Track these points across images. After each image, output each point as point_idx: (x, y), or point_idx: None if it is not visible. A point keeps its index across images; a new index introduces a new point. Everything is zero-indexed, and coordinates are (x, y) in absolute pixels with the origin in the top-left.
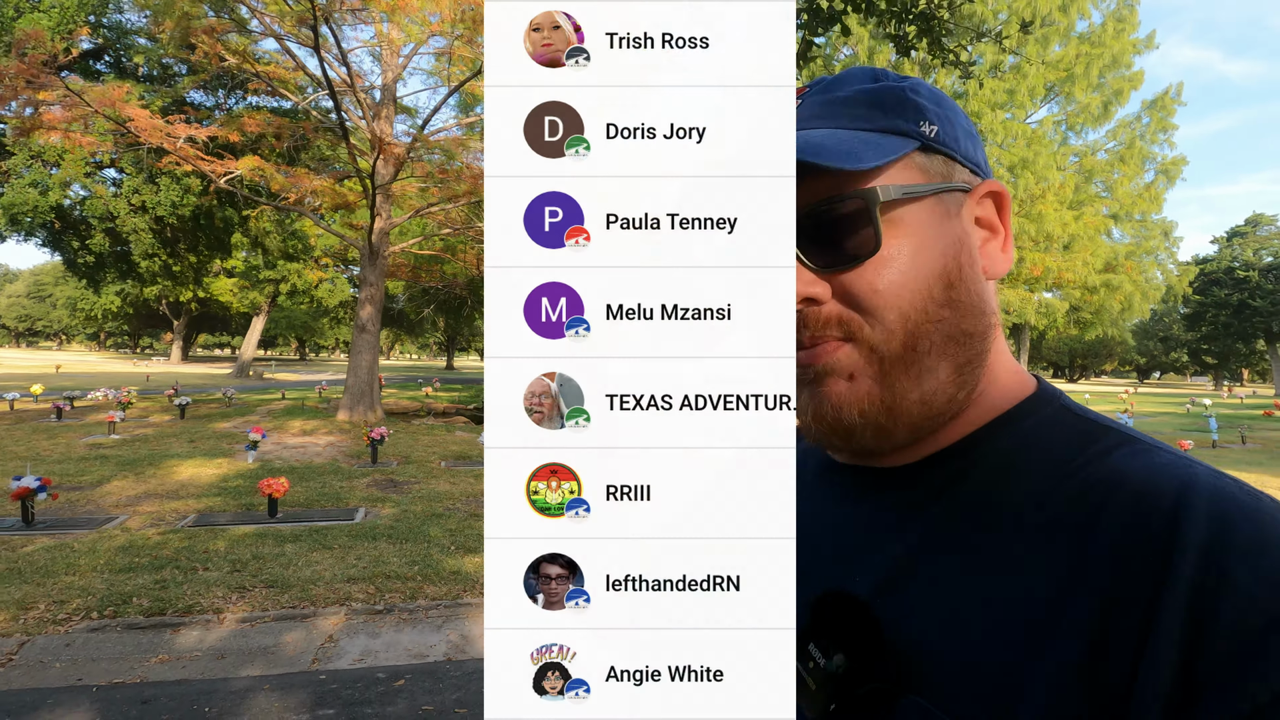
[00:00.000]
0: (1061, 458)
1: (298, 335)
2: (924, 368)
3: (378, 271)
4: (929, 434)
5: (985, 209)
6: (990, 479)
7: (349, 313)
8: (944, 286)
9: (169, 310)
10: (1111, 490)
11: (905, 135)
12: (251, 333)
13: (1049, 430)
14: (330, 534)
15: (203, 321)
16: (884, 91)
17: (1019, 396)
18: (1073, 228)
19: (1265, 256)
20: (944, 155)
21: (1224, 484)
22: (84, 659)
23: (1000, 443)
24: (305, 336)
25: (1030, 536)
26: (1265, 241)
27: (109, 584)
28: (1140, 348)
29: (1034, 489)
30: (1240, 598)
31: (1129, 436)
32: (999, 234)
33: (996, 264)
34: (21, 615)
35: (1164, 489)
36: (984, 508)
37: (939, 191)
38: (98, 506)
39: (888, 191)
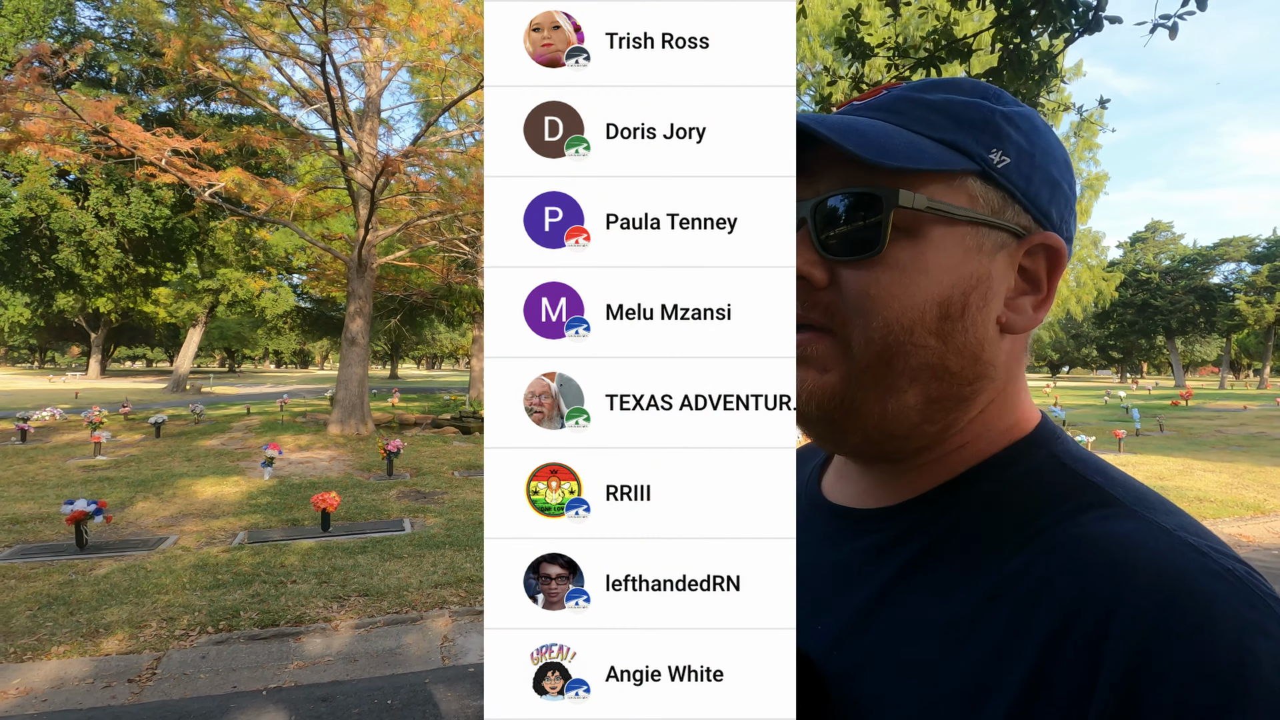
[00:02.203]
0: (1028, 516)
1: (228, 347)
2: (892, 385)
3: (366, 284)
4: (892, 456)
5: (1035, 262)
6: (953, 533)
7: (289, 323)
8: (939, 316)
9: (85, 322)
10: (1064, 560)
11: (966, 154)
12: (188, 345)
13: (1027, 483)
14: (392, 544)
15: (122, 334)
16: (970, 106)
17: (1011, 440)
18: None
19: (1163, 260)
20: (1005, 191)
21: (1183, 561)
22: (224, 669)
23: (973, 494)
24: (236, 348)
25: (976, 600)
26: (1163, 246)
27: (209, 600)
28: (1054, 344)
29: (992, 548)
30: (1172, 694)
31: (1108, 497)
32: (1040, 291)
33: (1022, 319)
34: (138, 634)
35: (1116, 563)
36: (939, 564)
37: (977, 222)
38: (140, 528)
39: (911, 199)
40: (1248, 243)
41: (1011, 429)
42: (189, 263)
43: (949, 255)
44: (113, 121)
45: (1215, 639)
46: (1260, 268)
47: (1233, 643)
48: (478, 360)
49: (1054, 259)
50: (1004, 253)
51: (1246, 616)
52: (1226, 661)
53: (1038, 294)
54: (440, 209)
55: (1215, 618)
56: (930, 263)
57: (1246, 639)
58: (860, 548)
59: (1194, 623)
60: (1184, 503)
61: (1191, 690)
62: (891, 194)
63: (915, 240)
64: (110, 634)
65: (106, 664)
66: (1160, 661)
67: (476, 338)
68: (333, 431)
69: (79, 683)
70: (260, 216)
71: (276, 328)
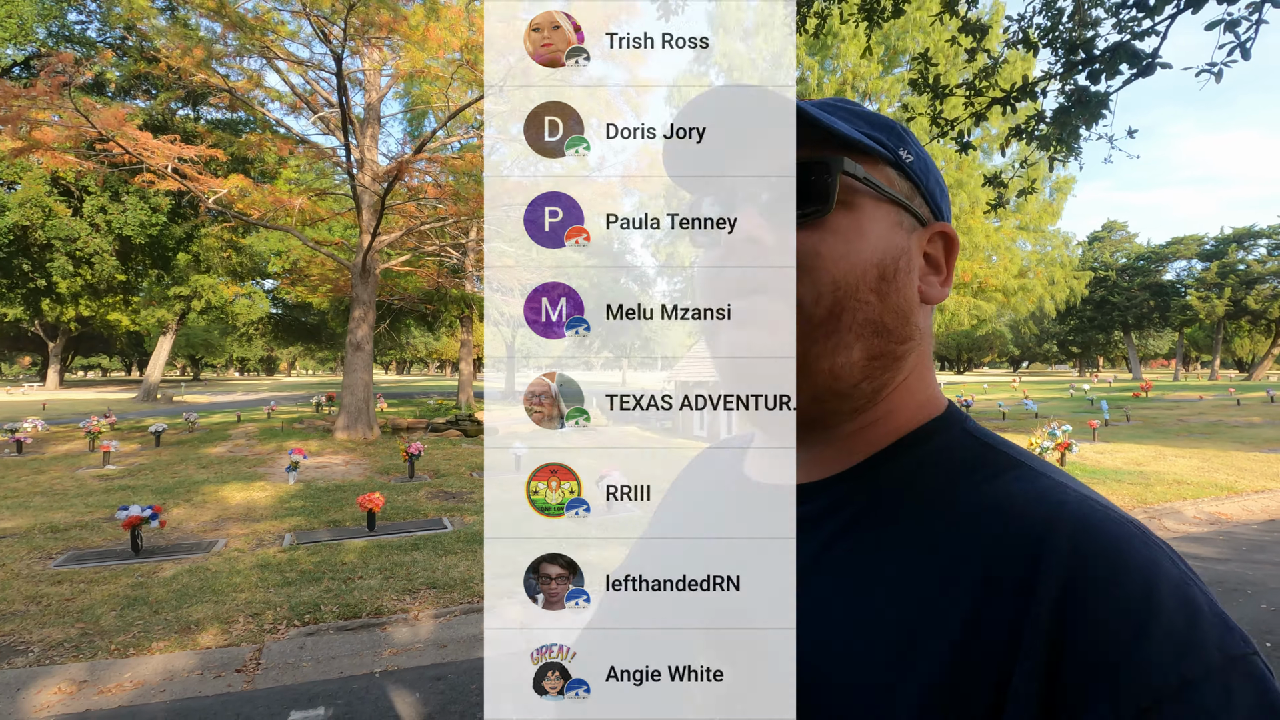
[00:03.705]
0: (949, 482)
1: (194, 355)
2: (840, 341)
3: (369, 290)
4: (832, 415)
5: (934, 247)
6: (882, 499)
7: (259, 329)
8: (878, 276)
9: (43, 331)
10: (986, 516)
11: (884, 147)
12: (158, 353)
13: (945, 453)
14: (441, 541)
15: (80, 343)
16: (879, 117)
17: (928, 417)
18: (994, 239)
19: (1120, 258)
20: (912, 183)
21: (1090, 511)
22: (324, 657)
23: (896, 464)
24: (203, 355)
25: (908, 558)
26: (1119, 245)
27: (285, 597)
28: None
29: (917, 511)
30: (1096, 622)
31: (1017, 461)
32: (941, 272)
33: (934, 292)
34: (228, 629)
35: (1033, 516)
36: (869, 528)
37: (897, 203)
38: (184, 533)
39: (853, 167)
40: (1198, 241)
41: (924, 406)
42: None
43: (880, 225)
44: (124, 129)
45: (1127, 575)
46: (1210, 265)
47: (1141, 578)
48: (466, 365)
49: (950, 245)
50: (915, 235)
51: (1147, 555)
52: (1137, 594)
53: (940, 274)
54: (447, 213)
55: (1125, 557)
56: (866, 229)
57: (1150, 574)
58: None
59: (1109, 562)
60: (1162, 485)
61: (1110, 619)
62: (838, 161)
63: (853, 210)
64: (201, 630)
65: (209, 656)
66: (1083, 596)
67: (465, 342)
68: (340, 436)
69: (188, 674)
70: (263, 223)
71: (247, 334)
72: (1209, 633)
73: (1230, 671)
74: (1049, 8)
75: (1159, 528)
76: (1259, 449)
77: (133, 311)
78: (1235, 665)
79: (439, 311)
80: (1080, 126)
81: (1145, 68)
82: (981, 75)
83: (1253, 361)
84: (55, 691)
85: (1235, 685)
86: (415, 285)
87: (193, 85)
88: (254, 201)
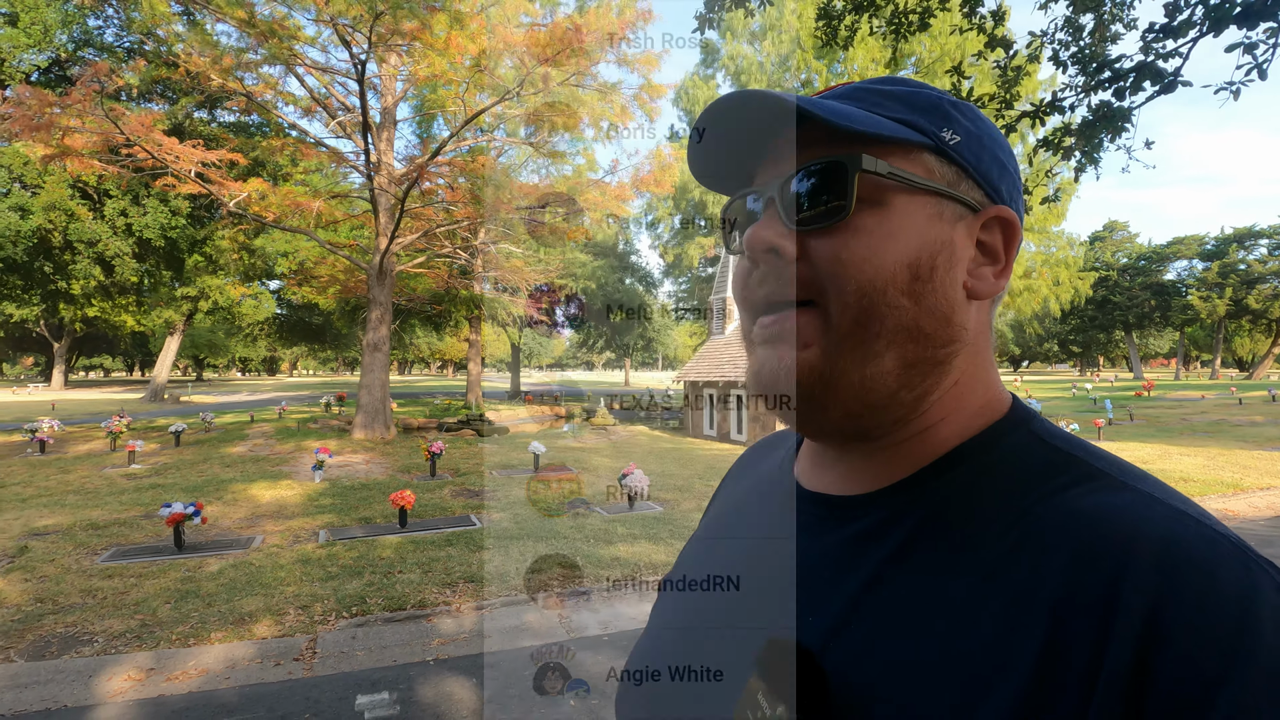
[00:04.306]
0: (1015, 494)
1: (197, 355)
2: (870, 350)
3: (386, 291)
4: (873, 428)
5: (991, 234)
6: (941, 514)
7: (264, 330)
8: (910, 277)
9: (49, 332)
10: (1059, 535)
11: (921, 131)
12: (165, 354)
13: (1010, 461)
14: (472, 537)
15: (84, 343)
16: (920, 94)
17: (988, 421)
18: None
19: (1121, 258)
20: (959, 167)
21: (1180, 529)
22: (376, 646)
23: (958, 475)
24: (207, 356)
25: (973, 582)
26: (1120, 245)
27: (331, 590)
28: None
29: (982, 528)
30: (1180, 659)
31: (1094, 470)
32: (999, 262)
33: (985, 285)
34: (281, 620)
35: (1113, 535)
36: (930, 547)
37: (936, 193)
38: (221, 529)
39: (873, 164)
40: (1198, 241)
41: (985, 408)
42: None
43: (913, 220)
44: (152, 135)
45: (1219, 604)
46: (1211, 265)
47: (1235, 606)
48: (475, 364)
49: (1009, 231)
50: (963, 224)
51: (1245, 581)
52: (1230, 625)
53: (996, 264)
54: (462, 216)
55: (1217, 582)
56: (896, 228)
57: (1247, 602)
58: (846, 535)
59: (1198, 587)
60: (1170, 482)
61: (1199, 653)
62: (855, 159)
63: (880, 208)
64: (255, 621)
65: (266, 646)
66: (1168, 626)
67: (473, 342)
68: (358, 436)
69: (249, 663)
70: (281, 225)
71: (253, 335)
72: None
73: None
74: (1070, 25)
75: None
76: (1262, 447)
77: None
78: None
79: (449, 312)
80: (1105, 139)
81: (1167, 85)
82: (1004, 86)
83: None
84: (125, 678)
85: None
86: (425, 286)
87: (211, 90)
88: (271, 204)
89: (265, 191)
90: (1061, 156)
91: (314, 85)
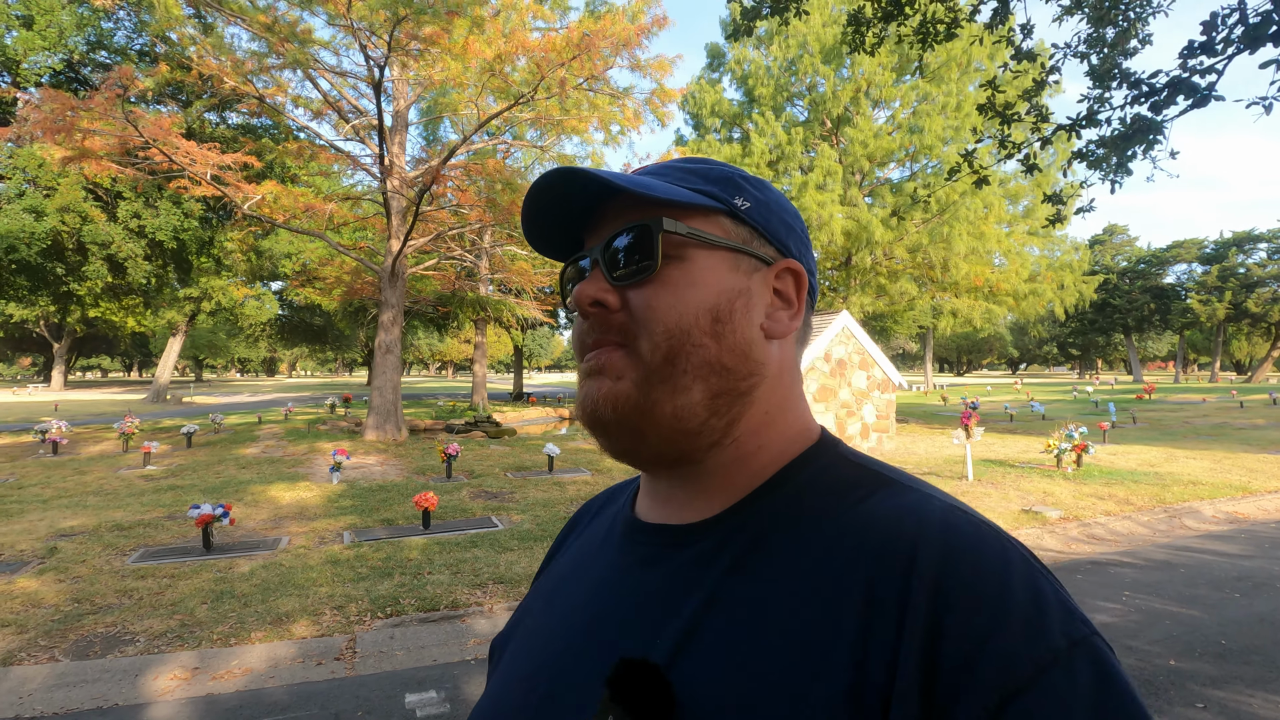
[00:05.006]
0: (829, 505)
1: (197, 356)
2: (679, 384)
3: (398, 293)
4: (692, 451)
5: (784, 283)
6: (765, 531)
7: (266, 330)
8: (711, 320)
9: (48, 332)
10: (862, 533)
11: (716, 199)
12: (168, 354)
13: (822, 479)
14: (497, 539)
15: (83, 344)
16: (713, 169)
17: (802, 447)
18: (1005, 244)
19: (1120, 261)
20: (750, 228)
21: (954, 518)
22: (414, 646)
23: (780, 495)
24: (206, 357)
25: (795, 586)
26: (1119, 248)
27: (364, 591)
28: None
29: (800, 539)
30: (961, 619)
31: (886, 479)
32: (792, 306)
33: (780, 326)
34: (317, 620)
35: (905, 527)
36: (757, 562)
37: (731, 249)
38: (246, 530)
39: (673, 225)
40: (1197, 245)
41: (798, 436)
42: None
43: (713, 272)
44: (170, 137)
45: (986, 573)
46: (1210, 268)
47: (996, 571)
48: (480, 366)
49: (799, 280)
50: (758, 274)
51: (1003, 555)
52: (993, 589)
53: (790, 308)
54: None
55: (983, 557)
56: (698, 278)
57: (1003, 567)
58: (686, 560)
59: (970, 562)
60: (1178, 486)
61: (973, 613)
62: (658, 222)
63: (684, 262)
64: (293, 621)
65: (307, 645)
66: (950, 595)
67: (479, 344)
68: (369, 437)
69: (290, 662)
70: (292, 227)
71: (254, 336)
72: (1054, 619)
73: (1074, 654)
74: (1096, 40)
75: (1180, 527)
76: (1266, 450)
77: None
78: (1078, 648)
79: (453, 313)
80: (1137, 151)
81: (1200, 99)
82: (1025, 96)
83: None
84: (171, 677)
85: (1079, 667)
86: (431, 289)
87: (223, 93)
88: (284, 206)
89: (279, 194)
90: (1089, 165)
91: (326, 88)
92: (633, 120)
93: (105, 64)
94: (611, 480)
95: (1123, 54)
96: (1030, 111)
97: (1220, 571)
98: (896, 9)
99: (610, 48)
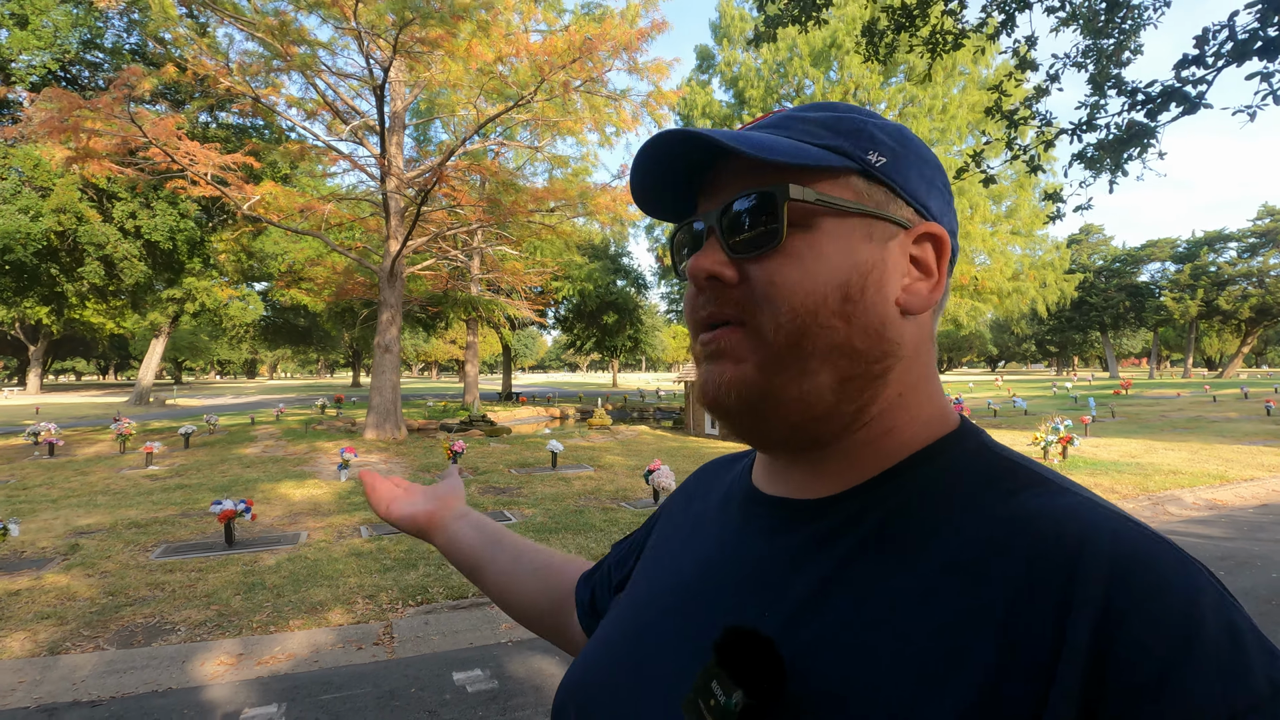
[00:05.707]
0: (971, 496)
1: (177, 358)
2: (805, 368)
3: (397, 293)
4: (818, 441)
5: (923, 250)
6: (898, 515)
7: (250, 332)
8: (841, 299)
9: (24, 334)
10: (1014, 531)
11: (846, 156)
12: (150, 356)
13: (962, 468)
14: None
15: (60, 346)
16: (846, 119)
17: (939, 433)
18: (989, 243)
19: (1097, 260)
20: (886, 187)
21: (1125, 528)
22: (449, 631)
23: (913, 479)
24: (186, 359)
25: (931, 575)
26: (1096, 247)
27: (392, 580)
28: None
29: (939, 527)
30: (1135, 645)
31: (1040, 477)
32: (932, 276)
33: (918, 300)
34: (351, 608)
35: (1066, 532)
36: (889, 544)
37: (864, 214)
38: (265, 526)
39: (800, 192)
40: (1170, 244)
41: (934, 422)
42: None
43: (843, 243)
44: (173, 138)
45: (1168, 595)
46: (1183, 267)
47: (1182, 598)
48: (472, 366)
49: (940, 246)
50: (894, 242)
51: (1187, 576)
52: (1179, 614)
53: (930, 279)
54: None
55: (1164, 576)
56: (826, 251)
57: (1192, 594)
58: (805, 536)
59: (1146, 579)
60: (1159, 475)
61: (1151, 639)
62: (783, 189)
63: (811, 232)
64: (327, 609)
65: (345, 632)
66: (1123, 611)
67: (470, 344)
68: (370, 436)
69: (331, 647)
70: (290, 227)
71: (238, 337)
72: (1255, 659)
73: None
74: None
75: (1164, 513)
76: (1240, 441)
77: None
78: None
79: (443, 313)
80: (1133, 153)
81: (1191, 106)
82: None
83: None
84: (218, 663)
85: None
86: (422, 289)
87: (218, 93)
88: (281, 207)
89: (277, 194)
90: (1084, 166)
91: (322, 88)
92: (629, 122)
93: (95, 64)
94: (615, 476)
95: (1117, 64)
96: (1035, 118)
97: (1204, 552)
98: (909, 20)
99: (609, 51)
